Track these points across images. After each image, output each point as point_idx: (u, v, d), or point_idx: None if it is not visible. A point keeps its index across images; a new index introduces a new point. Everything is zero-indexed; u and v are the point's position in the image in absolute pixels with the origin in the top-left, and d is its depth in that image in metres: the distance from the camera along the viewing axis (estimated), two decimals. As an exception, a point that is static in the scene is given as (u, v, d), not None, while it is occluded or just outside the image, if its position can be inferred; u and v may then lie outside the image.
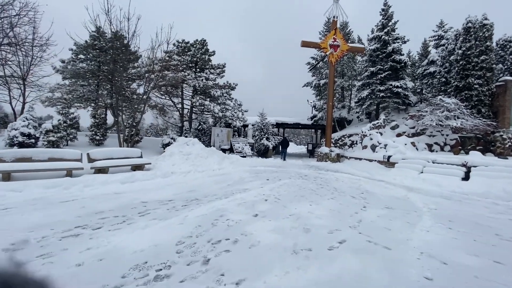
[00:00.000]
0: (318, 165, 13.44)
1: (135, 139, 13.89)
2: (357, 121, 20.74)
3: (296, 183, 7.18)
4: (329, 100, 15.67)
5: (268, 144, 17.07)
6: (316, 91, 22.19)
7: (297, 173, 9.45)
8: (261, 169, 10.51)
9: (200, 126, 14.80)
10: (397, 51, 15.78)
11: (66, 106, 11.91)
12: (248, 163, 12.24)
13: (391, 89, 15.19)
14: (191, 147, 10.24)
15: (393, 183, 7.93)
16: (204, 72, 16.79)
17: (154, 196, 4.84)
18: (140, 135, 14.42)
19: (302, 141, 68.57)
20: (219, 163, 10.26)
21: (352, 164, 12.78)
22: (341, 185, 7.22)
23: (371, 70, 16.07)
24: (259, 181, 7.28)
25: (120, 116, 16.58)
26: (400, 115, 16.49)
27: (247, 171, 9.63)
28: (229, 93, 18.46)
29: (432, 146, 12.68)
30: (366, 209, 4.53)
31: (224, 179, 7.44)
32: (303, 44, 15.51)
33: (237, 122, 15.92)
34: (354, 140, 15.81)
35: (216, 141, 15.24)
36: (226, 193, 5.38)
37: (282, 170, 10.47)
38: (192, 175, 7.70)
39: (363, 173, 10.03)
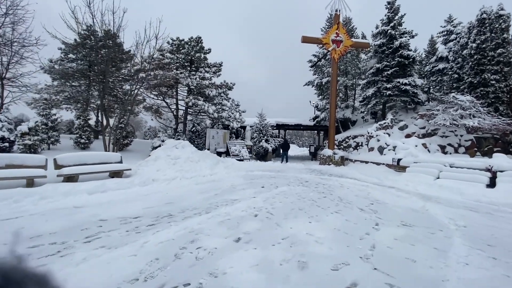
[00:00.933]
0: (320, 169, 12.59)
1: (125, 142, 13.18)
2: (362, 122, 19.86)
3: (295, 191, 6.35)
4: (332, 100, 14.84)
5: (267, 147, 16.26)
6: (318, 90, 21.37)
7: (297, 179, 8.61)
8: (258, 174, 9.69)
9: (194, 128, 14.04)
10: (405, 46, 14.94)
11: (47, 107, 11.17)
12: (245, 167, 11.43)
13: (399, 86, 14.33)
14: (180, 151, 9.46)
15: (406, 190, 7.06)
16: (199, 70, 16.06)
17: (119, 211, 4.04)
18: (130, 137, 13.69)
19: (305, 143, 67.63)
20: (211, 168, 9.45)
21: (358, 167, 11.91)
22: (346, 193, 6.37)
23: (376, 66, 15.24)
24: (253, 189, 6.46)
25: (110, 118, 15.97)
26: (408, 114, 15.60)
27: (242, 176, 8.82)
28: (226, 93, 17.71)
29: (445, 148, 11.77)
30: (379, 227, 3.69)
31: (213, 187, 6.62)
32: (303, 40, 14.74)
33: (234, 123, 15.14)
34: (359, 142, 14.94)
35: (212, 143, 14.47)
36: (209, 206, 4.57)
37: (281, 175, 9.64)
38: (177, 183, 6.90)
39: (371, 178, 9.16)
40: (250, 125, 16.61)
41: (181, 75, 13.59)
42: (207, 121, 19.42)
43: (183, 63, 17.27)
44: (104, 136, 10.55)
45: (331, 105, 14.86)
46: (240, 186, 6.79)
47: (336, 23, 14.73)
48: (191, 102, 13.37)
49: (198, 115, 18.74)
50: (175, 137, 13.01)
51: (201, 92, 15.09)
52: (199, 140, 14.07)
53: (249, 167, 11.80)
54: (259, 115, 17.93)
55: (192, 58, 16.66)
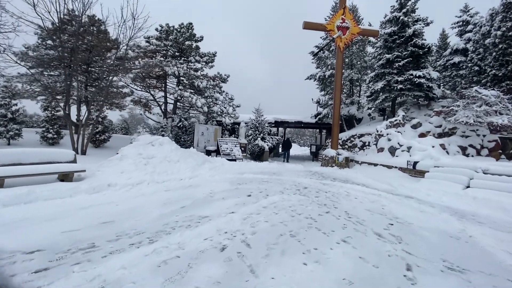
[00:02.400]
0: (322, 171, 11.26)
1: (101, 138, 11.86)
2: (368, 119, 18.48)
3: (289, 202, 5.02)
4: (336, 94, 13.48)
5: (263, 145, 14.92)
6: (320, 84, 19.98)
7: (294, 184, 7.29)
8: (249, 177, 8.37)
9: (181, 123, 12.71)
10: (419, 34, 13.54)
11: (7, 96, 9.85)
12: (235, 169, 10.11)
13: (412, 79, 12.95)
14: (156, 149, 8.14)
15: (429, 202, 5.73)
16: (189, 60, 14.72)
17: (16, 238, 2.72)
18: (107, 132, 12.38)
19: (306, 142, 66.19)
20: (193, 170, 8.14)
21: (365, 170, 10.57)
22: (355, 205, 5.05)
23: (386, 57, 13.85)
24: (236, 198, 5.14)
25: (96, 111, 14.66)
26: (421, 111, 14.23)
27: (228, 180, 7.50)
28: (219, 85, 16.38)
29: (466, 149, 10.40)
30: (413, 275, 2.36)
31: (185, 195, 5.30)
32: (305, 26, 13.36)
33: (227, 119, 13.81)
34: (366, 141, 13.60)
35: (201, 140, 13.15)
36: (161, 229, 3.25)
37: (276, 179, 8.32)
38: (141, 189, 5.58)
39: (382, 184, 7.83)
40: (244, 122, 15.26)
41: (166, 63, 12.23)
42: (201, 116, 18.12)
43: (172, 51, 15.94)
44: (72, 131, 9.23)
45: (335, 100, 13.50)
46: (220, 194, 5.46)
47: (342, 7, 13.33)
48: (177, 93, 12.03)
49: (189, 110, 17.43)
50: (158, 133, 11.71)
51: (191, 84, 13.77)
52: (186, 137, 12.75)
53: (241, 168, 10.48)
54: (255, 111, 16.56)
55: (181, 47, 15.32)
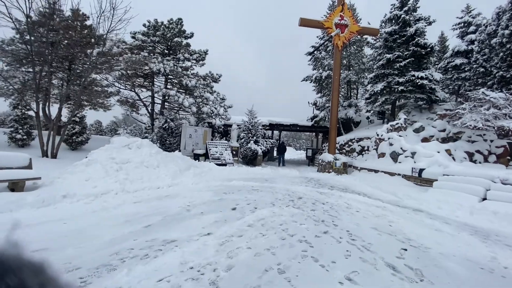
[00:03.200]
0: (319, 177, 10.55)
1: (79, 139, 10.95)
2: (367, 123, 17.92)
3: (280, 218, 4.26)
4: (334, 95, 12.85)
5: (256, 149, 14.17)
6: (317, 86, 19.39)
7: (287, 193, 6.54)
8: (238, 185, 7.60)
9: (166, 124, 11.88)
10: (421, 33, 13.04)
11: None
12: (224, 175, 9.33)
13: (414, 80, 12.40)
14: (133, 152, 7.32)
15: (442, 217, 5.04)
16: (178, 57, 13.96)
17: None
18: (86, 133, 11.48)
19: (302, 146, 65.61)
20: (174, 176, 7.33)
21: (365, 177, 9.89)
22: (358, 222, 4.31)
23: (387, 57, 13.29)
24: (216, 213, 4.36)
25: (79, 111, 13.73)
26: (423, 115, 13.68)
27: (213, 189, 6.71)
28: (210, 85, 15.63)
29: (473, 156, 9.82)
30: None
31: (156, 209, 4.49)
32: (301, 23, 12.74)
33: (217, 120, 13.03)
34: (365, 146, 12.96)
35: (188, 143, 12.34)
36: (106, 262, 2.46)
37: (268, 186, 7.56)
38: (104, 201, 4.76)
39: (385, 194, 7.13)
40: (236, 124, 14.50)
41: (150, 59, 11.43)
42: (191, 118, 17.31)
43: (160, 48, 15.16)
44: (41, 132, 8.35)
45: (333, 101, 12.86)
46: (199, 208, 4.67)
47: (340, 3, 12.77)
48: (161, 92, 11.23)
49: (178, 111, 16.62)
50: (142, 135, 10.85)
51: (179, 83, 13.00)
52: (172, 139, 11.92)
53: (230, 174, 9.70)
54: (248, 112, 15.84)
55: (170, 43, 14.56)
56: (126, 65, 11.53)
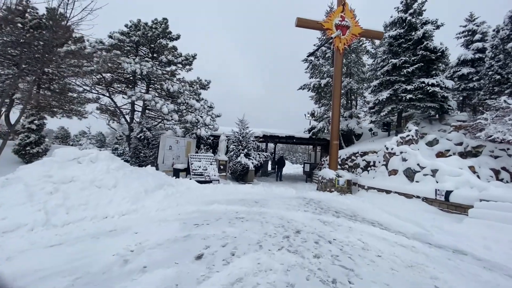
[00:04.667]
0: (319, 198, 9.08)
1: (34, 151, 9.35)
2: (370, 135, 16.71)
3: (268, 277, 2.78)
4: (335, 103, 11.62)
5: (247, 163, 12.72)
6: (315, 94, 18.28)
7: (281, 224, 5.06)
8: (219, 210, 6.09)
9: (141, 134, 10.38)
10: (429, 36, 12.10)
11: None
12: (205, 196, 7.82)
13: (423, 88, 11.30)
14: (84, 168, 5.80)
15: (501, 266, 3.61)
16: (160, 59, 12.71)
17: None
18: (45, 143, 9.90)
19: (299, 159, 64.17)
20: (136, 199, 5.80)
21: (375, 199, 8.46)
22: (387, 281, 2.87)
23: (393, 62, 12.26)
24: (168, 269, 2.84)
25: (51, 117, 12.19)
26: (433, 126, 12.51)
27: (183, 218, 5.20)
28: (197, 92, 14.34)
29: (499, 173, 8.53)
30: None
31: (74, 260, 2.95)
32: (298, 23, 11.70)
33: (202, 131, 11.62)
34: (371, 161, 11.63)
35: (168, 156, 10.83)
36: None
37: (257, 212, 6.07)
38: (5, 243, 3.20)
39: (406, 224, 5.70)
40: (225, 134, 13.11)
41: (126, 60, 10.11)
42: (178, 129, 15.86)
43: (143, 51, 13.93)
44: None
45: (334, 110, 11.61)
46: (146, 257, 3.14)
47: (341, 3, 11.83)
48: (135, 96, 9.82)
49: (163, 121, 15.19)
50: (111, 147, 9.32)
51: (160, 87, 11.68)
52: (148, 151, 10.39)
53: (213, 194, 8.18)
54: (239, 122, 14.51)
55: (152, 45, 13.34)
56: (98, 65, 10.17)
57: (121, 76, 14.11)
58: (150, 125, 10.77)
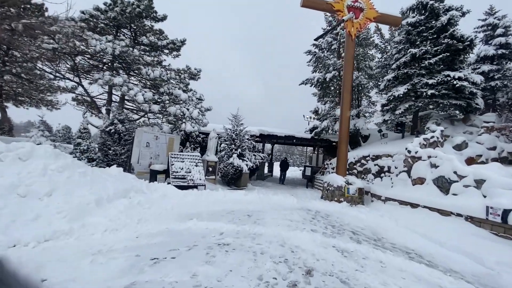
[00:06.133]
0: (327, 210, 7.59)
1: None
2: (378, 137, 15.25)
3: None
4: (345, 98, 10.16)
5: (240, 165, 11.18)
6: (319, 90, 16.80)
7: (283, 256, 3.54)
8: (196, 231, 4.56)
9: (112, 128, 8.69)
10: (454, 23, 10.74)
11: None
12: (185, 206, 6.28)
13: (449, 82, 9.89)
14: (5, 167, 4.20)
15: None
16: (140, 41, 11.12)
17: None
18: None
19: (296, 161, 62.73)
20: (78, 214, 4.24)
21: (395, 213, 6.98)
22: None
23: (412, 52, 10.84)
24: None
25: None
26: (456, 128, 11.12)
27: (140, 244, 3.66)
28: (184, 81, 12.78)
29: (548, 185, 7.12)
30: None
31: None
32: (304, 3, 10.23)
33: (187, 125, 10.06)
34: (385, 166, 10.18)
35: (144, 155, 9.23)
36: None
37: (249, 234, 4.54)
38: None
39: (454, 254, 4.25)
40: (216, 131, 11.54)
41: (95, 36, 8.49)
42: (164, 125, 14.24)
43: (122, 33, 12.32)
44: None
45: (343, 106, 10.12)
46: None
47: (354, -19, 10.38)
48: (102, 80, 8.18)
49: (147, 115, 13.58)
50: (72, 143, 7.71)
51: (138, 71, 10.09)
52: (119, 148, 8.72)
53: (194, 204, 6.63)
54: (233, 117, 12.96)
55: (132, 25, 11.73)
56: (62, 42, 8.53)
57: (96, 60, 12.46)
58: (123, 116, 9.15)
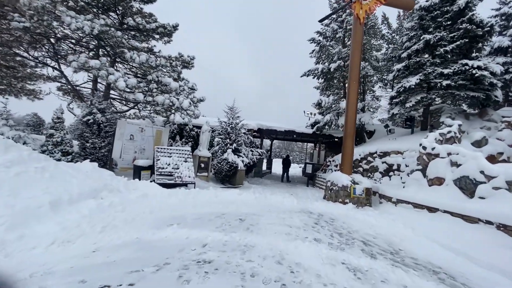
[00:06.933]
0: (331, 213, 6.79)
1: None
2: (385, 133, 14.42)
3: None
4: (352, 88, 9.30)
5: (235, 161, 10.36)
6: (323, 81, 15.88)
7: (279, 280, 2.71)
8: (176, 239, 3.78)
9: (91, 117, 7.81)
10: (472, 7, 9.85)
11: None
12: (166, 209, 5.47)
13: (466, 72, 9.04)
14: None
15: None
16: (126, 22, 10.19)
17: None
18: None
19: (296, 158, 61.90)
20: (21, 221, 3.41)
21: (409, 218, 6.18)
22: None
23: (426, 38, 9.96)
24: None
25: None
26: (472, 122, 10.30)
27: (98, 261, 2.84)
28: (176, 69, 11.87)
29: None
30: None
31: None
32: (307, -18, 9.29)
33: (177, 116, 9.19)
34: (394, 164, 9.38)
35: (128, 149, 8.39)
36: None
37: (238, 247, 3.74)
38: None
39: (492, 274, 3.44)
40: (208, 123, 10.69)
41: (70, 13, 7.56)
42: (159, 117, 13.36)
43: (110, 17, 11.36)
44: None
45: (350, 97, 9.25)
46: None
47: (363, -43, 9.45)
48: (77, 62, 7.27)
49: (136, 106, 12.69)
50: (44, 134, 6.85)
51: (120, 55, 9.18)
52: (99, 140, 7.83)
53: (179, 206, 5.81)
54: (228, 109, 12.11)
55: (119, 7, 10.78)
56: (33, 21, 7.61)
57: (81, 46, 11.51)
58: (104, 105, 8.26)
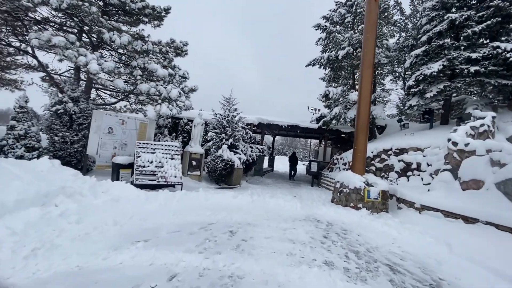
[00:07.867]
0: (342, 222, 5.73)
1: None
2: (399, 128, 13.24)
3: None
4: (365, 76, 8.15)
5: (231, 159, 9.32)
6: (330, 71, 14.68)
7: None
8: (131, 272, 2.71)
9: (61, 107, 6.75)
10: (507, -18, 8.63)
11: None
12: (137, 219, 4.44)
13: (498, 56, 7.86)
14: None
15: None
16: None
17: None
18: None
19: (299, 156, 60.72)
20: None
21: (437, 228, 5.10)
22: None
23: (451, 18, 8.77)
24: None
25: None
26: (501, 116, 9.12)
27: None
28: (167, 55, 10.81)
29: None
30: None
31: None
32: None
33: (163, 108, 8.13)
34: (412, 162, 8.27)
35: (105, 145, 7.37)
36: None
37: (217, 279, 2.67)
38: None
39: None
40: (202, 116, 9.62)
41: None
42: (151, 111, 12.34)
43: None
44: None
45: (363, 85, 8.10)
46: None
47: None
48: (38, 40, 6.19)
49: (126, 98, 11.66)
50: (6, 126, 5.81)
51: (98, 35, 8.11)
52: (70, 134, 6.78)
53: (156, 214, 4.78)
54: (225, 101, 11.04)
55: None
56: None
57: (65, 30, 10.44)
58: (78, 93, 7.21)
